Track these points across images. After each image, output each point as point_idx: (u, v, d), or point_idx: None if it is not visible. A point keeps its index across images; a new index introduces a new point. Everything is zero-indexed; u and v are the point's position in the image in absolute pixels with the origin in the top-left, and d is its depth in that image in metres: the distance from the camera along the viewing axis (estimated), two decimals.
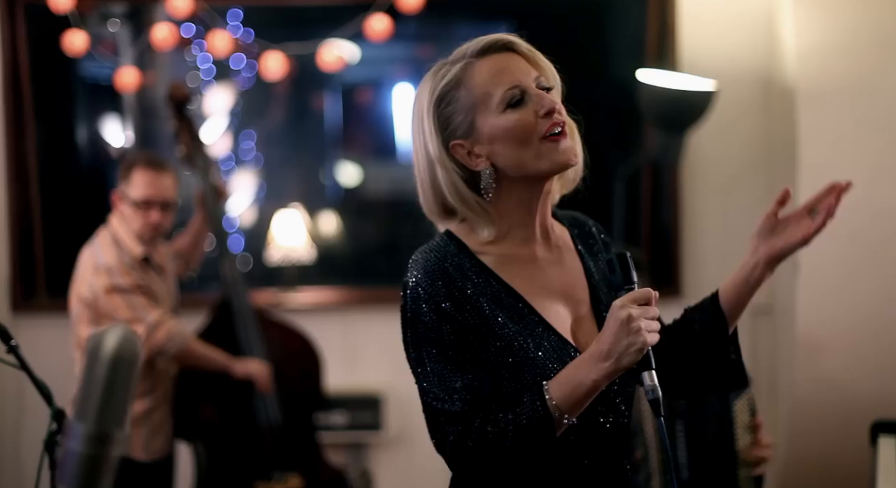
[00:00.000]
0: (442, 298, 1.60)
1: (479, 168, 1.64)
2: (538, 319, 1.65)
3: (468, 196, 1.64)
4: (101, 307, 3.29)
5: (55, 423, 1.70)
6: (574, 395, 1.56)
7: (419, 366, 1.63)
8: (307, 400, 3.78)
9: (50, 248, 4.48)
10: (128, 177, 3.36)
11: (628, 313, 1.54)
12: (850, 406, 3.72)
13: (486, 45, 1.66)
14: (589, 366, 1.56)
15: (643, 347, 1.54)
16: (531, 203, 1.68)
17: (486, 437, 1.57)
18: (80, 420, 1.10)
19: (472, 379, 1.59)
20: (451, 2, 4.49)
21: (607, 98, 4.48)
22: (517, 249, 1.68)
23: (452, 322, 1.60)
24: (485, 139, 1.63)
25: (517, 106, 1.62)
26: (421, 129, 1.66)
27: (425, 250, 1.66)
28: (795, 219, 1.78)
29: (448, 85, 1.65)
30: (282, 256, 4.48)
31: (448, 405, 1.59)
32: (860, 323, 3.81)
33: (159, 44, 4.34)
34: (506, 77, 1.63)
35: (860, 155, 3.80)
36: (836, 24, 3.79)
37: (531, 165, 1.63)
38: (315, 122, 4.71)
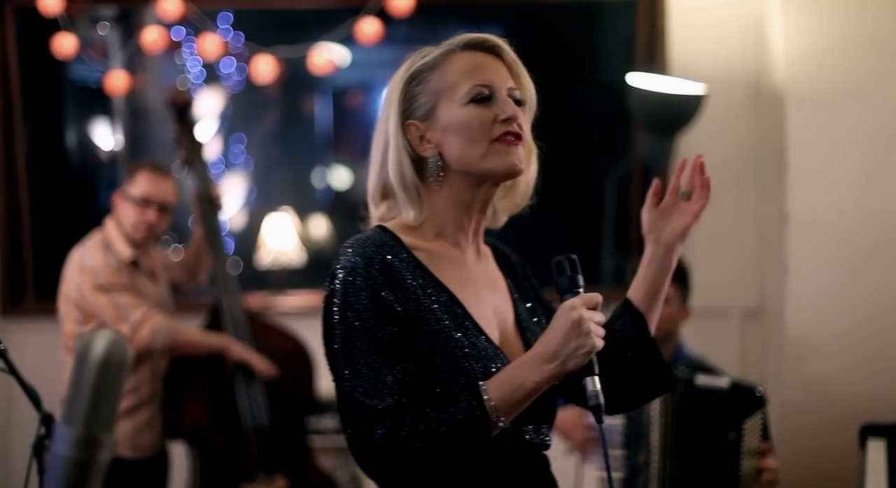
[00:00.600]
0: (379, 286, 1.54)
1: (426, 154, 1.62)
2: (470, 321, 1.60)
3: (409, 176, 1.62)
4: (86, 306, 3.31)
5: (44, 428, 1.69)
6: (513, 397, 1.51)
7: (347, 357, 1.54)
8: (298, 404, 3.77)
9: (39, 252, 4.47)
10: (132, 177, 3.42)
11: (579, 314, 1.50)
12: (840, 409, 3.73)
13: (474, 40, 1.66)
14: (532, 367, 1.51)
15: (592, 350, 1.51)
16: (470, 205, 1.65)
17: (417, 436, 1.50)
18: (68, 424, 1.09)
19: (403, 374, 1.52)
20: (442, 5, 4.49)
21: (597, 102, 4.48)
22: (449, 249, 1.65)
23: (389, 312, 1.54)
24: (440, 126, 1.62)
25: (481, 103, 1.61)
26: (388, 103, 1.66)
27: (360, 239, 1.60)
28: (675, 205, 1.78)
29: (424, 66, 1.64)
30: (272, 259, 4.48)
31: (377, 400, 1.51)
32: (849, 326, 3.82)
33: (149, 47, 4.33)
34: (480, 74, 1.62)
35: (849, 158, 3.82)
36: (825, 29, 3.81)
37: (475, 163, 1.60)
38: (305, 126, 4.71)
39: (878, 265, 3.81)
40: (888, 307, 3.78)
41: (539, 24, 4.53)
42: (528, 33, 4.68)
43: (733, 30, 4.28)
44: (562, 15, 4.49)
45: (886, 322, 3.78)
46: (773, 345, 4.15)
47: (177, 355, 3.47)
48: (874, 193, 3.79)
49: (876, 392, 3.68)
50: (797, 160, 3.83)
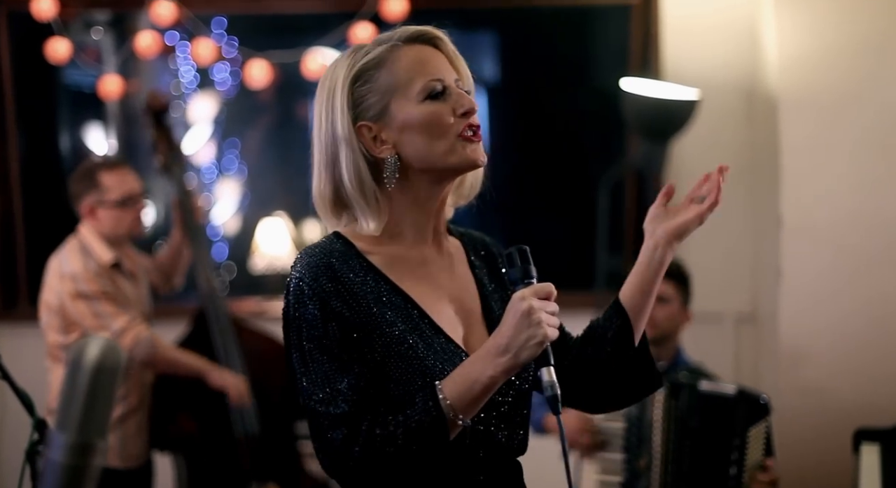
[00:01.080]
0: (327, 295, 1.53)
1: (383, 155, 1.57)
2: (428, 321, 1.58)
3: (367, 182, 1.57)
4: (67, 314, 3.27)
5: (37, 433, 1.69)
6: (469, 394, 1.49)
7: (301, 367, 1.54)
8: (287, 410, 3.76)
9: (32, 257, 4.46)
10: (97, 184, 3.33)
11: (529, 304, 1.47)
12: (833, 414, 3.74)
13: (414, 33, 1.62)
14: (485, 361, 1.49)
15: (543, 340, 1.48)
16: (428, 201, 1.61)
17: (374, 440, 1.48)
18: (62, 430, 1.09)
19: (357, 379, 1.51)
20: (436, 11, 4.49)
21: (591, 107, 4.49)
22: (407, 251, 1.62)
23: (338, 319, 1.52)
24: (396, 126, 1.57)
25: (436, 98, 1.57)
26: (331, 106, 1.59)
27: (310, 247, 1.59)
28: (684, 207, 1.75)
29: (368, 64, 1.59)
30: (266, 265, 4.48)
31: (332, 407, 1.50)
32: (843, 331, 3.83)
33: (143, 52, 4.33)
34: (430, 68, 1.59)
35: (842, 163, 3.82)
36: (818, 34, 3.82)
37: (440, 159, 1.56)
38: (299, 130, 4.71)
39: (871, 270, 3.82)
40: (882, 312, 3.79)
41: (533, 29, 4.54)
42: (523, 38, 4.69)
43: (727, 35, 4.29)
44: (556, 20, 4.50)
45: (880, 327, 3.79)
46: (766, 349, 4.15)
47: (156, 371, 3.42)
48: (868, 198, 3.80)
49: (870, 397, 3.68)
50: (791, 165, 3.83)
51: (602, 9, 4.48)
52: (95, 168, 3.38)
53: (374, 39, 1.64)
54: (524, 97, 4.49)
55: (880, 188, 3.80)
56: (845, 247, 3.81)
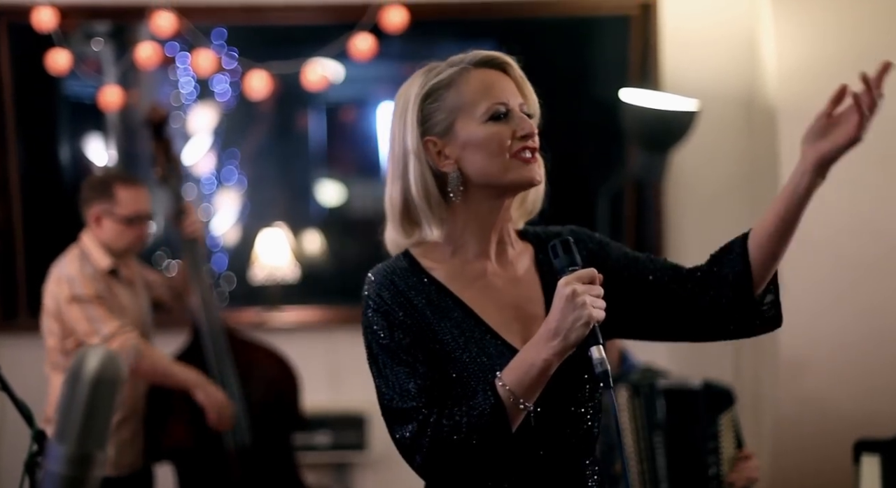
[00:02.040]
0: (389, 307, 1.68)
1: (446, 169, 1.68)
2: (485, 328, 1.69)
3: (433, 192, 1.69)
4: (63, 318, 3.28)
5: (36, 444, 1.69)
6: (527, 378, 1.59)
7: (376, 372, 1.69)
8: (282, 421, 3.74)
9: (32, 268, 4.45)
10: (110, 196, 3.36)
11: (573, 288, 1.57)
12: (834, 424, 3.73)
13: (484, 58, 1.72)
14: (538, 346, 1.59)
15: (589, 321, 1.56)
16: (490, 214, 1.72)
17: (441, 430, 1.60)
18: (61, 441, 1.09)
19: (424, 380, 1.64)
20: (436, 22, 4.50)
21: (590, 118, 4.49)
22: (469, 264, 1.73)
23: (402, 328, 1.67)
24: (458, 143, 1.68)
25: (498, 120, 1.68)
26: (403, 121, 1.70)
27: (380, 266, 1.75)
28: (846, 117, 1.69)
29: (439, 83, 1.70)
30: (266, 275, 4.47)
31: (402, 403, 1.64)
32: (843, 341, 3.82)
33: (143, 63, 4.34)
34: (496, 92, 1.69)
35: (840, 172, 3.80)
36: (816, 45, 3.83)
37: (496, 176, 1.67)
38: (299, 141, 4.71)
39: (871, 280, 3.82)
40: (882, 322, 3.79)
41: (532, 39, 4.55)
42: (522, 49, 4.67)
43: (726, 46, 4.30)
44: (555, 31, 4.51)
45: (880, 337, 3.78)
46: (766, 359, 4.15)
47: (146, 380, 3.40)
48: (867, 209, 3.80)
49: (870, 407, 3.68)
50: (789, 175, 3.84)
51: (601, 20, 4.49)
52: (113, 179, 3.42)
53: (447, 60, 1.74)
54: None
55: (879, 198, 3.80)
56: (845, 257, 3.81)
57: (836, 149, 1.70)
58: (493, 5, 4.41)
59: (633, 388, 2.91)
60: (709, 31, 4.32)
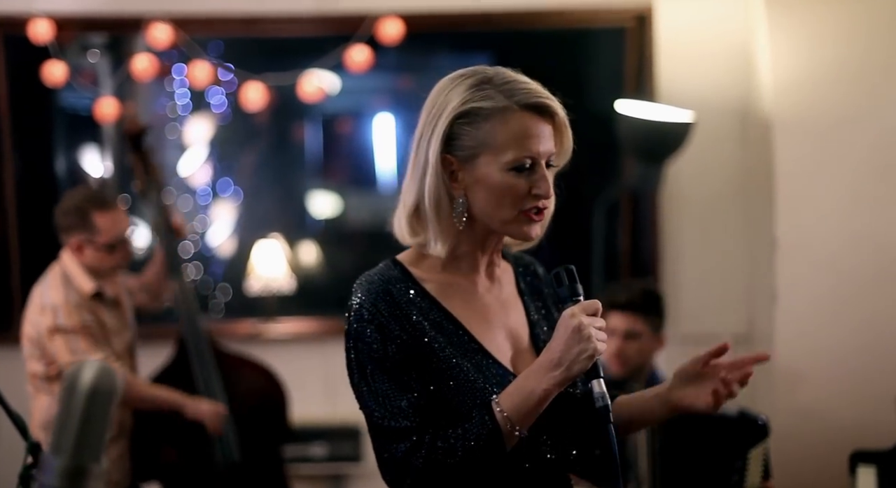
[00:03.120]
0: (385, 319, 1.63)
1: (454, 192, 1.66)
2: (477, 347, 1.67)
3: (445, 207, 1.66)
4: (45, 347, 3.25)
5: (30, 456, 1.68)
6: (525, 406, 1.58)
7: (364, 387, 1.64)
8: (270, 434, 3.72)
9: (28, 279, 4.43)
10: (89, 225, 3.29)
11: (579, 321, 1.57)
12: (829, 435, 3.73)
13: (533, 103, 1.66)
14: (539, 375, 1.58)
15: (594, 354, 1.56)
16: (485, 241, 1.72)
17: (435, 452, 1.57)
18: (56, 454, 1.09)
19: (417, 397, 1.61)
20: (431, 33, 4.51)
21: (586, 129, 4.44)
22: (460, 279, 1.71)
23: (397, 342, 1.62)
24: (475, 176, 1.65)
25: (520, 172, 1.64)
26: (432, 129, 1.65)
27: (369, 274, 1.70)
28: (716, 374, 1.71)
29: (481, 109, 1.64)
30: (261, 286, 4.47)
31: (394, 422, 1.60)
32: (839, 352, 3.83)
33: (139, 74, 4.34)
34: (531, 144, 1.65)
35: (836, 185, 3.84)
36: (811, 57, 3.84)
37: (498, 224, 1.67)
38: (295, 153, 4.72)
39: (866, 291, 3.82)
40: (878, 333, 3.79)
41: (528, 51, 4.56)
42: (517, 61, 4.68)
43: (721, 58, 4.31)
44: (551, 43, 4.52)
45: (876, 348, 3.79)
46: (762, 371, 4.13)
47: (130, 407, 3.38)
48: (862, 220, 3.81)
49: (866, 419, 3.68)
50: (785, 187, 3.85)
51: (597, 32, 4.50)
52: (89, 207, 3.31)
53: (499, 83, 1.66)
54: None
55: (875, 210, 3.81)
56: (840, 269, 3.82)
57: (691, 410, 1.72)
58: (489, 17, 4.42)
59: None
60: (704, 43, 4.33)
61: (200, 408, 3.42)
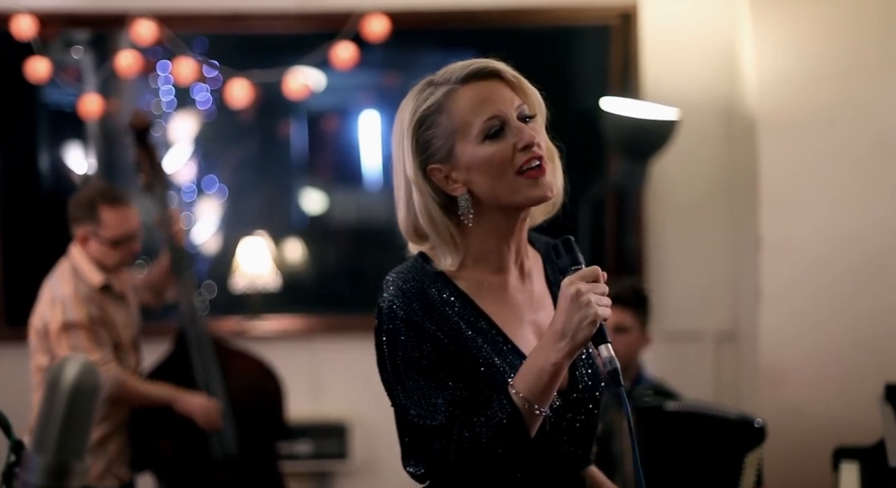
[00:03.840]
0: (420, 318, 1.60)
1: (456, 193, 1.64)
2: (511, 347, 1.65)
3: (439, 221, 1.64)
4: (50, 340, 3.26)
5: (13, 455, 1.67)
6: (539, 383, 1.56)
7: (398, 385, 1.62)
8: (267, 430, 3.73)
9: (10, 277, 4.43)
10: (95, 217, 3.33)
11: (577, 288, 1.55)
12: (813, 432, 3.75)
13: (471, 71, 1.66)
14: (546, 349, 1.56)
15: (595, 319, 1.54)
16: (507, 231, 1.67)
17: (463, 443, 1.56)
18: (39, 451, 1.08)
19: (453, 394, 1.59)
20: (417, 30, 4.51)
21: (571, 127, 4.45)
22: (490, 276, 1.68)
23: (432, 340, 1.60)
24: (462, 166, 1.63)
25: (496, 137, 1.62)
26: (401, 148, 1.66)
27: (401, 271, 1.66)
28: None
29: (429, 109, 1.64)
30: (247, 284, 4.46)
31: (430, 420, 1.58)
32: (823, 349, 3.84)
33: (123, 71, 4.32)
34: (487, 107, 1.63)
35: (820, 182, 3.85)
36: (795, 55, 3.85)
37: (505, 198, 1.63)
38: (281, 150, 4.70)
39: (850, 288, 3.84)
40: (862, 331, 3.81)
41: (513, 48, 4.50)
42: (503, 58, 4.70)
43: (706, 56, 4.32)
44: (536, 40, 4.52)
45: (860, 345, 3.80)
46: (746, 368, 4.16)
47: (127, 404, 3.38)
48: (846, 217, 3.83)
49: (850, 415, 3.70)
50: (769, 184, 3.86)
51: (582, 29, 4.51)
52: (98, 200, 3.35)
53: (438, 76, 1.67)
54: None
55: (859, 207, 3.83)
56: (824, 267, 3.83)
57: None
58: (474, 14, 4.42)
59: (640, 413, 2.81)
60: (689, 41, 4.34)
61: (192, 404, 3.43)
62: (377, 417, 4.24)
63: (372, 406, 4.01)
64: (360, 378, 4.12)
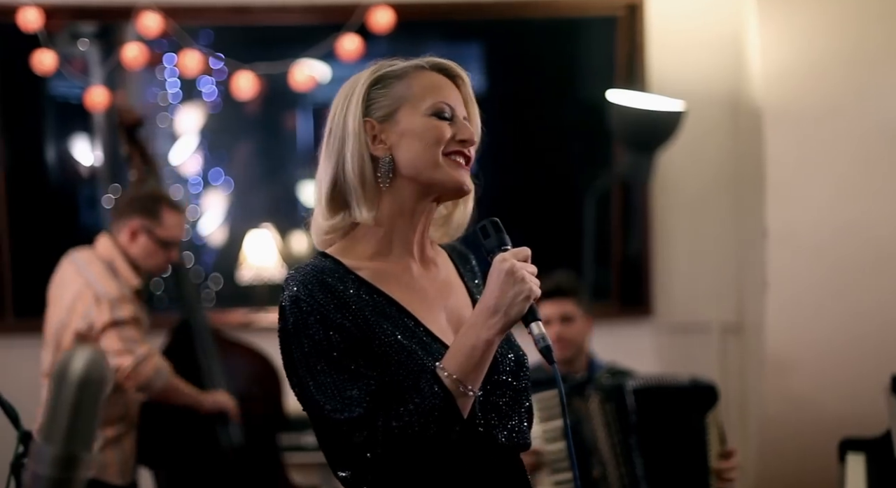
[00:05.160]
0: (325, 309, 1.58)
1: (377, 153, 1.65)
2: (423, 329, 1.63)
3: (368, 172, 1.64)
4: (91, 335, 3.22)
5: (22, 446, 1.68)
6: (471, 361, 1.54)
7: (310, 381, 1.57)
8: (269, 421, 3.74)
9: (18, 269, 4.44)
10: (156, 215, 3.34)
11: (511, 263, 1.55)
12: (819, 423, 3.75)
13: (442, 64, 1.70)
14: (477, 327, 1.55)
15: (530, 295, 1.54)
16: (414, 213, 1.67)
17: (391, 433, 1.52)
18: (47, 442, 1.09)
19: (367, 384, 1.55)
20: (422, 22, 4.51)
21: (577, 118, 4.50)
22: (392, 265, 1.67)
23: (340, 330, 1.57)
24: (397, 130, 1.64)
25: (442, 118, 1.66)
26: (347, 102, 1.67)
27: (300, 268, 1.64)
28: None
29: (391, 72, 1.68)
30: (253, 276, 4.47)
31: (347, 413, 1.53)
32: (829, 340, 3.84)
33: (129, 63, 4.33)
34: (445, 95, 1.67)
35: (825, 173, 3.85)
36: (801, 47, 3.84)
37: (427, 171, 1.64)
38: (286, 142, 4.71)
39: (856, 279, 3.83)
40: (868, 322, 3.81)
41: (519, 41, 4.55)
42: (509, 50, 4.70)
43: (711, 48, 4.31)
44: (542, 32, 4.51)
45: (866, 336, 3.81)
46: (752, 359, 4.16)
47: (158, 399, 3.36)
48: (852, 208, 3.82)
49: (856, 406, 3.70)
50: (775, 176, 3.86)
51: (588, 21, 4.50)
52: (162, 200, 3.40)
53: (402, 58, 1.71)
54: (510, 109, 4.50)
55: (865, 198, 3.82)
56: (830, 258, 3.83)
57: None
58: (479, 6, 4.42)
59: (605, 392, 2.86)
60: (695, 33, 4.33)
61: (218, 400, 3.48)
62: None
63: None
64: None
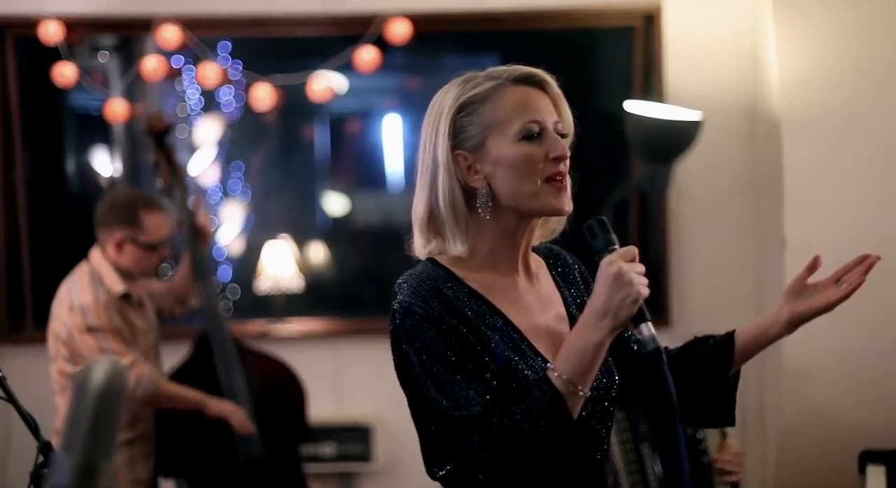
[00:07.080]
0: (440, 315, 1.61)
1: (475, 184, 1.66)
2: (527, 344, 1.67)
3: (460, 206, 1.66)
4: (75, 346, 3.25)
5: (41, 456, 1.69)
6: (582, 363, 1.56)
7: (427, 380, 1.60)
8: (291, 433, 3.73)
9: (38, 280, 4.47)
10: (136, 222, 3.32)
11: (619, 267, 1.56)
12: (838, 435, 3.73)
13: (522, 74, 1.70)
14: (588, 329, 1.57)
15: (638, 298, 1.55)
16: (517, 233, 1.70)
17: (504, 431, 1.54)
18: (67, 452, 1.10)
19: (483, 384, 1.58)
20: (440, 34, 4.52)
21: (595, 129, 4.47)
22: (500, 278, 1.70)
23: (455, 334, 1.60)
24: (490, 160, 1.65)
25: (532, 140, 1.66)
26: (435, 131, 1.68)
27: (413, 274, 1.67)
28: (823, 286, 1.85)
29: (475, 97, 1.67)
30: (270, 286, 4.49)
31: (465, 410, 1.56)
32: (847, 352, 3.82)
33: (149, 75, 4.36)
34: (531, 110, 1.67)
35: (844, 183, 3.83)
36: (818, 56, 3.83)
37: (526, 201, 1.66)
38: (304, 153, 4.73)
39: (875, 290, 3.79)
40: (887, 332, 3.78)
41: (536, 51, 4.53)
42: (526, 61, 4.69)
43: (729, 58, 4.31)
44: (559, 43, 4.52)
45: (885, 348, 3.78)
46: (771, 369, 4.15)
47: (154, 407, 3.38)
48: (870, 219, 3.81)
49: (875, 418, 3.68)
50: (793, 186, 3.84)
51: (605, 31, 4.51)
52: (137, 204, 3.35)
53: (485, 73, 1.71)
54: None
55: (883, 208, 3.81)
56: None
57: (812, 312, 1.86)
58: (496, 17, 4.42)
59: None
60: (712, 42, 4.33)
61: (224, 407, 3.45)
62: (401, 419, 4.23)
63: (395, 408, 4.01)
64: (383, 380, 4.11)
